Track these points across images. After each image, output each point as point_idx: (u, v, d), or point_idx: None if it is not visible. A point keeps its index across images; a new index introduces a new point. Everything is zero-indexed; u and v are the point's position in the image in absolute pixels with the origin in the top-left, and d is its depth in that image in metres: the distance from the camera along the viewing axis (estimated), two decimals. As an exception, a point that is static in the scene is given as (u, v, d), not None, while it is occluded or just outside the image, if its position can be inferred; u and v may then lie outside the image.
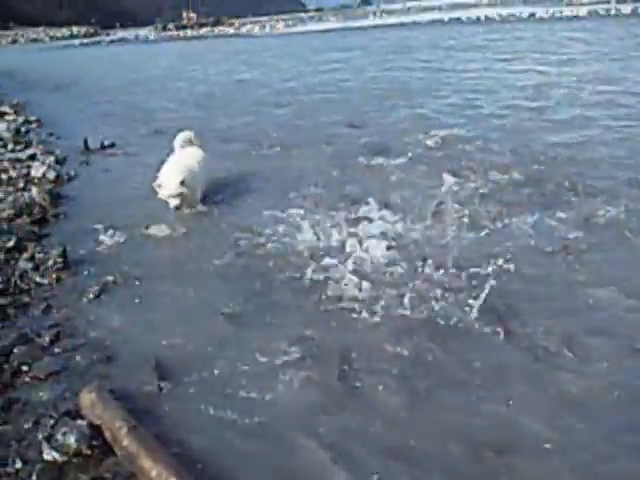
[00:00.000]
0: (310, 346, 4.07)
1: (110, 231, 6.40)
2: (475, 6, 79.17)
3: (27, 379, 3.96)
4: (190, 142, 7.83)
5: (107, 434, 3.25)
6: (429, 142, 9.21)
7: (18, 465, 3.18)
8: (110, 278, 5.28)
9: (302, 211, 6.35)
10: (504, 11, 51.92)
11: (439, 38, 30.59)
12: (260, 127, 11.69)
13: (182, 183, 6.66)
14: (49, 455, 3.20)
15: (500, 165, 7.67)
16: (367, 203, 6.32)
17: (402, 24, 49.52)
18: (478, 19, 46.29)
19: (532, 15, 43.33)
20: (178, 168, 6.87)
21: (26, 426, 3.49)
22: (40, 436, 3.31)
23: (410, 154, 8.59)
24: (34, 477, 3.10)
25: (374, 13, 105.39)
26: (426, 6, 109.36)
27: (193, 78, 22.30)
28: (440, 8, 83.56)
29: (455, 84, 15.06)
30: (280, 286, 4.99)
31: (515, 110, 11.30)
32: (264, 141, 10.26)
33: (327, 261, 5.15)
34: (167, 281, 5.29)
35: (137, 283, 5.25)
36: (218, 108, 14.85)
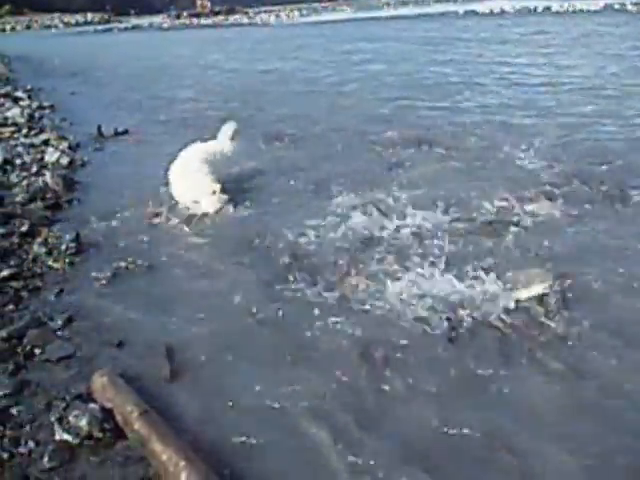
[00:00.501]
0: (327, 340, 4.08)
1: (123, 217, 6.45)
2: (490, -1, 78.60)
3: (40, 362, 4.00)
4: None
5: (118, 418, 3.28)
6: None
7: (31, 446, 3.22)
8: (122, 264, 5.32)
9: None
10: (518, 4, 51.54)
11: (465, 30, 29.90)
12: (308, 121, 11.01)
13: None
14: (61, 436, 3.24)
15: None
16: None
17: (420, 15, 49.10)
18: (492, 12, 46.00)
19: (547, 8, 42.95)
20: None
21: (38, 408, 3.53)
22: (52, 418, 3.35)
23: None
24: (46, 458, 3.13)
25: (387, 4, 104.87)
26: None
27: (215, 67, 21.88)
28: (455, 0, 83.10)
29: (514, 79, 14.09)
30: (297, 279, 4.95)
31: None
32: (307, 137, 9.87)
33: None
34: (180, 268, 5.32)
35: (149, 269, 5.28)
36: (248, 100, 14.11)
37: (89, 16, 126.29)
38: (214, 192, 6.55)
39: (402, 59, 19.44)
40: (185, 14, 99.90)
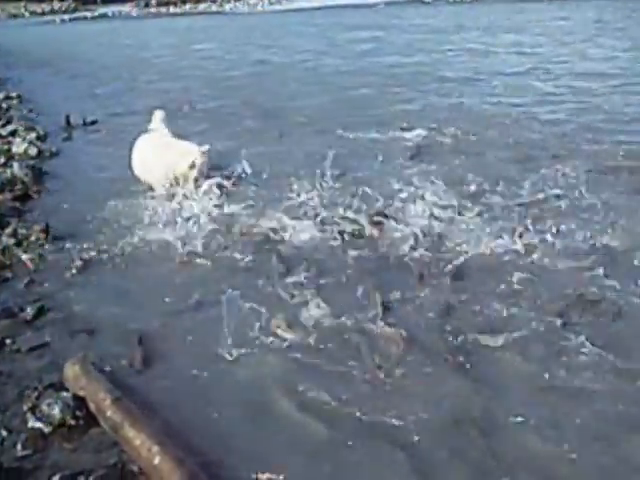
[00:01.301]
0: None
1: (92, 207, 6.40)
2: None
3: (10, 352, 4.00)
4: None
5: (91, 405, 3.31)
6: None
7: (3, 434, 3.23)
8: (93, 254, 5.31)
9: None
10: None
11: (466, 17, 29.33)
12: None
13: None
14: (34, 425, 3.25)
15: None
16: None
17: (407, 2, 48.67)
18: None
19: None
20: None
21: (10, 397, 3.54)
22: (25, 407, 3.37)
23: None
24: (19, 446, 3.15)
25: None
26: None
27: (204, 57, 20.99)
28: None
29: (545, 69, 13.15)
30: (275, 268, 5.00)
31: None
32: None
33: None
34: (150, 258, 5.33)
35: (119, 259, 5.28)
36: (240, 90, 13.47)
37: (55, 5, 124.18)
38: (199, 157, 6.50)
39: (410, 49, 18.07)
40: (154, 2, 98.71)
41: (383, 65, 15.12)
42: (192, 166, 6.49)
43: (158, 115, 7.58)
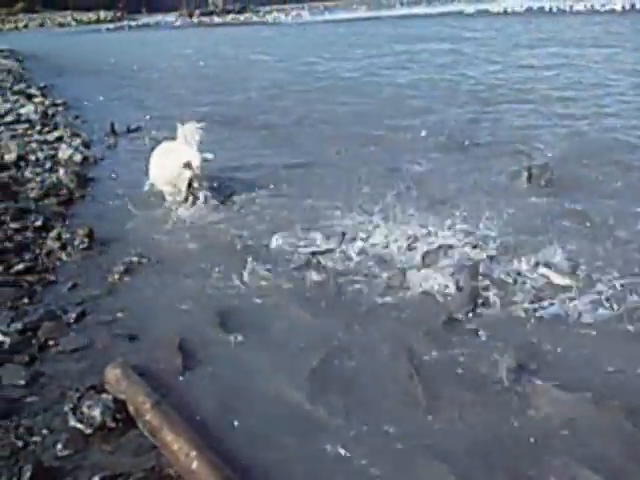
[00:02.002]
0: (334, 338, 4.16)
1: (135, 213, 6.54)
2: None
3: (53, 354, 4.08)
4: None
5: (131, 408, 3.35)
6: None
7: (45, 434, 3.29)
8: (135, 259, 5.40)
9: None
10: (534, 4, 51.28)
11: (493, 30, 29.36)
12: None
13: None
14: (75, 426, 3.31)
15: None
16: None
17: (442, 14, 48.68)
18: (505, 12, 45.76)
19: (561, 10, 42.55)
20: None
21: (52, 398, 3.60)
22: (66, 408, 3.42)
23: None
24: (59, 446, 3.20)
25: (400, 3, 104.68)
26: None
27: (259, 69, 21.08)
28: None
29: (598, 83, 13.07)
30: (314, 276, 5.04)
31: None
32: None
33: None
34: (192, 263, 5.40)
35: (161, 265, 5.37)
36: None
37: (102, 14, 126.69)
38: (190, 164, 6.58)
39: (491, 62, 17.76)
40: (197, 12, 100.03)
41: (476, 80, 14.68)
42: (187, 165, 6.57)
43: (186, 128, 7.32)
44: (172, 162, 6.74)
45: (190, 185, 6.66)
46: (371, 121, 10.90)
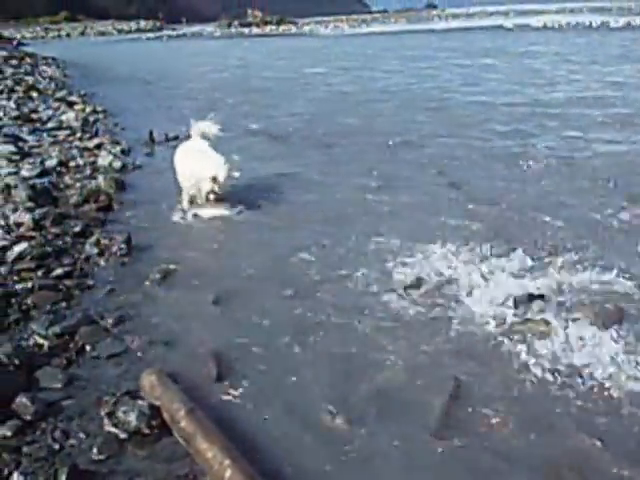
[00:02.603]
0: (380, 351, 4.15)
1: (172, 221, 6.63)
2: (542, 13, 78.39)
3: (90, 358, 4.13)
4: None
5: (165, 415, 3.37)
6: None
7: (81, 437, 3.33)
8: (172, 267, 5.46)
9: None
10: (573, 19, 51.04)
11: (540, 45, 29.23)
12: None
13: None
14: (110, 430, 3.34)
15: None
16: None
17: (482, 28, 48.59)
18: (545, 26, 45.64)
19: (605, 24, 42.36)
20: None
21: (88, 402, 3.63)
22: (102, 412, 3.46)
23: None
24: (95, 450, 3.23)
25: (439, 16, 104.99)
26: (492, 11, 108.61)
27: (283, 77, 21.71)
28: (507, 14, 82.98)
29: None
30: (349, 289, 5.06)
31: None
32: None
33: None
34: (228, 272, 5.46)
35: (197, 273, 5.41)
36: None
37: (142, 23, 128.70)
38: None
39: (560, 79, 17.26)
40: (236, 23, 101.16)
41: (558, 101, 13.75)
42: (213, 179, 6.69)
43: (201, 125, 7.55)
44: (198, 167, 6.85)
45: (211, 193, 6.80)
46: (459, 144, 10.13)
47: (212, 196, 6.80)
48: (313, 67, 24.83)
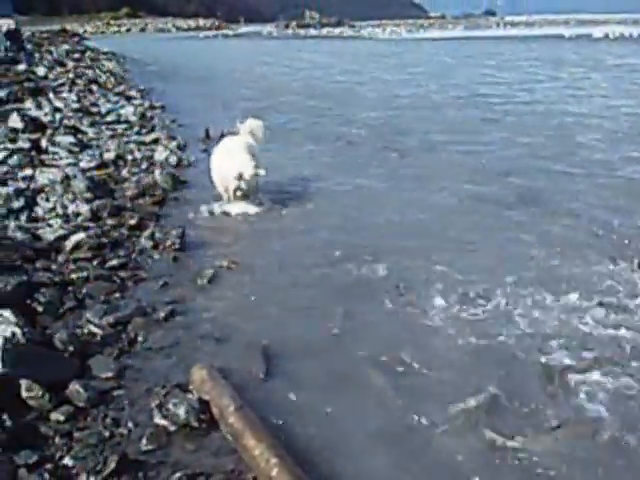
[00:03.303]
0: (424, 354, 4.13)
1: (225, 217, 6.71)
2: (604, 23, 77.08)
3: (142, 349, 4.19)
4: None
5: (214, 410, 3.40)
6: None
7: (130, 427, 3.38)
8: (224, 263, 5.52)
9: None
10: (635, 30, 50.07)
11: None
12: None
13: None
14: (159, 422, 3.39)
15: None
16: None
17: (546, 36, 47.91)
18: (606, 36, 44.91)
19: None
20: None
21: (139, 392, 3.69)
22: (152, 404, 3.50)
23: None
24: (144, 440, 3.28)
25: (497, 24, 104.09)
26: (552, 20, 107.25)
27: (350, 81, 21.39)
28: (567, 22, 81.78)
29: None
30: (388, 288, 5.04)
31: None
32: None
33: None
34: (279, 270, 5.50)
35: (249, 269, 5.48)
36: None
37: (201, 22, 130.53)
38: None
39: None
40: (294, 24, 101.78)
41: None
42: (239, 177, 6.80)
43: (251, 124, 7.81)
44: (227, 166, 6.99)
45: (237, 191, 6.94)
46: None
47: (239, 193, 6.94)
48: (386, 72, 24.76)
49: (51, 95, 14.69)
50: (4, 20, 20.74)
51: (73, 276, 5.13)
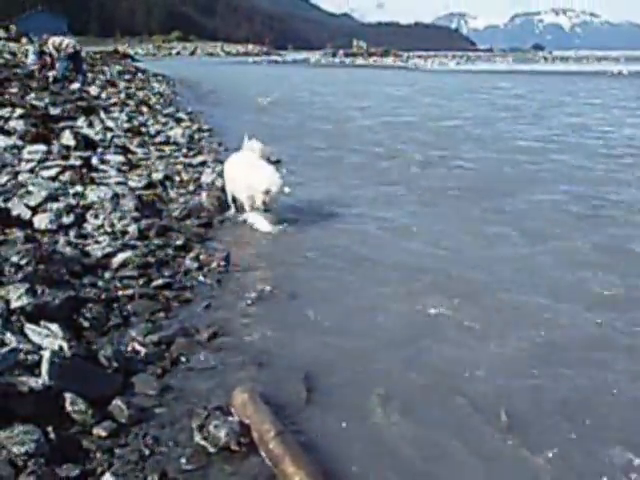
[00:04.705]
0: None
1: (269, 243, 6.80)
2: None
3: (184, 370, 4.22)
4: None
5: (255, 434, 3.41)
6: None
7: (170, 446, 3.41)
8: (268, 288, 5.55)
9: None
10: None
11: None
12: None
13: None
14: (199, 442, 3.41)
15: None
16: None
17: (597, 73, 47.49)
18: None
19: None
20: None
21: (180, 412, 3.72)
22: (193, 424, 3.52)
23: None
24: (184, 460, 3.30)
25: (545, 58, 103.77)
26: (601, 56, 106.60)
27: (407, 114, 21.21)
28: (617, 59, 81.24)
29: None
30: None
31: None
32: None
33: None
34: (321, 296, 5.53)
35: (292, 295, 5.51)
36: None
37: (249, 47, 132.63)
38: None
39: None
40: (341, 52, 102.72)
41: None
42: (266, 192, 7.04)
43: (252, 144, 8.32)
44: (253, 178, 7.24)
45: (262, 205, 7.17)
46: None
47: (263, 207, 7.15)
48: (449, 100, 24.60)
49: (102, 114, 15.01)
50: (68, 39, 21.28)
51: (119, 293, 5.22)
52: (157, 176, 9.25)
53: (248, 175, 7.32)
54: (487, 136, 15.80)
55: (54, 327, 4.25)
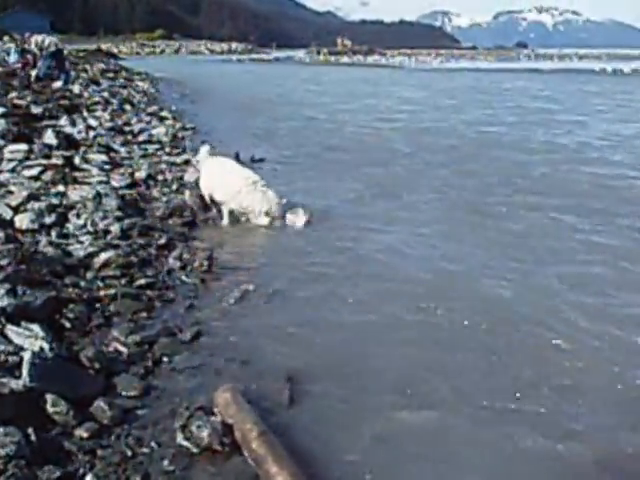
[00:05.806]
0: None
1: (253, 241, 6.77)
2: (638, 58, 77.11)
3: (167, 370, 4.20)
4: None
5: (237, 434, 3.40)
6: None
7: (153, 447, 3.39)
8: (250, 287, 5.54)
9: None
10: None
11: None
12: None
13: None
14: (182, 443, 3.40)
15: None
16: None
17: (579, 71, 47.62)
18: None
19: None
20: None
21: (162, 413, 3.69)
22: (176, 425, 3.50)
23: None
24: (166, 461, 3.28)
25: (528, 56, 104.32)
26: (583, 54, 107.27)
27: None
28: (599, 57, 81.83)
29: None
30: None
31: None
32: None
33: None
34: (305, 296, 5.52)
35: (274, 294, 5.49)
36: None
37: (233, 45, 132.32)
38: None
39: None
40: (325, 51, 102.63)
41: None
42: (267, 213, 7.28)
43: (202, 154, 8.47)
44: (253, 201, 7.39)
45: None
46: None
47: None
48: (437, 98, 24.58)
49: (85, 113, 14.91)
50: (50, 38, 21.10)
51: (101, 293, 5.18)
52: (140, 175, 9.19)
53: (246, 197, 7.41)
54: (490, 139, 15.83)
55: (35, 328, 4.21)
